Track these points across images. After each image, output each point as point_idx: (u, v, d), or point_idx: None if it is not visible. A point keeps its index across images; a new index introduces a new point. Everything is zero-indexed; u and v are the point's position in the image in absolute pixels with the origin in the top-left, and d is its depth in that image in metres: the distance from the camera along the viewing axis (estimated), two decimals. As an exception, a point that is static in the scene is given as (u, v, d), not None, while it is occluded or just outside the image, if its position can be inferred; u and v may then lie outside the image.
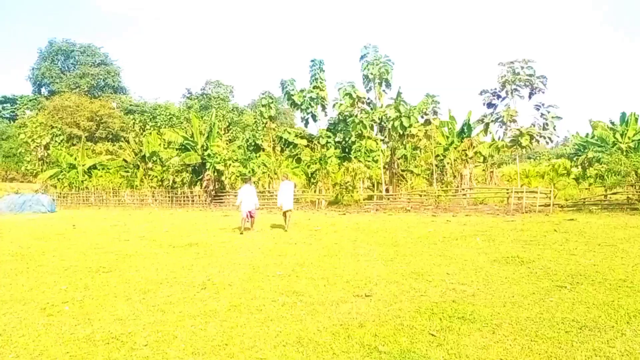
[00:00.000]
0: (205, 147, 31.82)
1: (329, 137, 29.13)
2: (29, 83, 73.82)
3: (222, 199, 30.87)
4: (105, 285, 8.20)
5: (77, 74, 68.58)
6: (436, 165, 28.07)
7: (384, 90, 26.21)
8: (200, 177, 32.32)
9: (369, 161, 28.95)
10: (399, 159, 28.94)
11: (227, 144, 37.72)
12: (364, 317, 5.94)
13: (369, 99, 27.07)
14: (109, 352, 5.07)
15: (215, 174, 30.97)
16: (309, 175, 29.94)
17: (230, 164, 30.78)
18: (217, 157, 30.44)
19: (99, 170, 39.95)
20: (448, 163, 29.76)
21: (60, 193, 39.33)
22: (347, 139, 28.55)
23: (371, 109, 26.85)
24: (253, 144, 31.82)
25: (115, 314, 6.49)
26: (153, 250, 12.00)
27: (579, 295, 6.64)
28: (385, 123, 25.76)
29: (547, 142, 22.49)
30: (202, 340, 5.33)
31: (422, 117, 25.03)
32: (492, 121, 22.97)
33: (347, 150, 29.24)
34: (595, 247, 10.51)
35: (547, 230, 13.58)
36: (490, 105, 23.01)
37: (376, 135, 27.23)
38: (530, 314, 5.84)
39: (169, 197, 33.49)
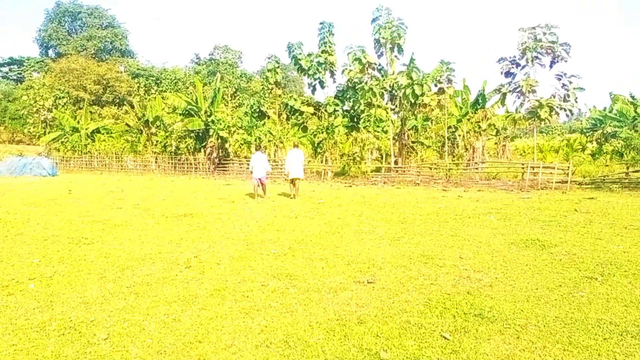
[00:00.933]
0: (209, 113, 30.82)
1: (337, 105, 27.98)
2: (35, 45, 72.65)
3: (225, 167, 30.09)
4: (82, 260, 7.44)
5: (84, 36, 67.15)
6: (447, 138, 26.94)
7: (395, 56, 24.86)
8: (203, 144, 31.45)
9: (377, 131, 27.86)
10: (409, 129, 27.83)
11: (232, 110, 36.63)
12: (365, 310, 5.12)
13: (379, 65, 25.79)
14: (60, 346, 4.29)
15: (219, 141, 30.07)
16: (315, 145, 28.94)
17: (234, 131, 29.84)
18: (220, 124, 29.47)
19: (102, 134, 39.19)
20: (460, 135, 28.61)
21: (63, 157, 38.74)
22: (355, 107, 27.36)
23: (382, 75, 25.60)
24: (258, 110, 30.71)
25: (83, 295, 5.73)
26: (144, 221, 11.24)
27: (613, 289, 5.76)
28: (396, 91, 24.58)
29: (568, 115, 21.29)
30: (172, 334, 4.54)
31: (436, 85, 23.79)
32: (509, 91, 21.72)
33: (355, 119, 28.11)
34: (622, 230, 9.57)
35: (567, 209, 12.62)
36: (508, 74, 21.70)
37: (386, 104, 26.04)
38: (559, 313, 4.98)
39: (171, 163, 32.74)
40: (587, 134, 35.01)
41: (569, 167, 19.25)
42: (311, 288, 5.90)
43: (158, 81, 55.02)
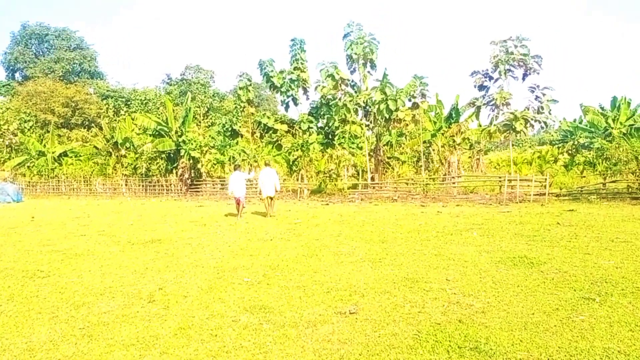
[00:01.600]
0: (180, 133, 30.02)
1: (311, 122, 27.51)
2: (1, 68, 70.90)
3: (198, 188, 29.25)
4: (34, 297, 6.72)
5: (51, 59, 65.66)
6: (422, 153, 26.73)
7: (368, 72, 24.61)
8: (175, 165, 30.59)
9: (353, 148, 27.50)
10: (384, 145, 27.55)
11: (204, 130, 35.86)
12: (348, 348, 4.56)
13: (353, 81, 25.50)
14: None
15: (191, 161, 29.26)
16: (291, 163, 28.37)
17: (206, 151, 29.09)
18: (192, 144, 28.69)
19: (70, 157, 37.91)
20: (434, 150, 28.45)
21: (29, 182, 37.31)
22: (330, 124, 26.93)
23: (355, 91, 25.29)
24: (230, 129, 30.05)
25: (29, 340, 5.05)
26: (108, 249, 10.50)
27: (614, 311, 5.34)
28: (370, 107, 24.27)
29: (543, 127, 21.24)
30: (127, 388, 3.91)
31: (410, 100, 23.57)
32: (483, 104, 21.58)
33: (330, 136, 27.69)
34: (609, 243, 9.25)
35: (549, 223, 12.33)
36: (481, 87, 21.60)
37: (361, 119, 25.71)
38: (562, 343, 4.52)
39: (142, 185, 31.73)
40: (558, 146, 35.34)
41: (545, 179, 19.12)
42: (287, 322, 5.32)
43: (128, 102, 53.88)
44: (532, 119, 20.14)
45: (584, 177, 22.55)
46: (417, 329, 4.98)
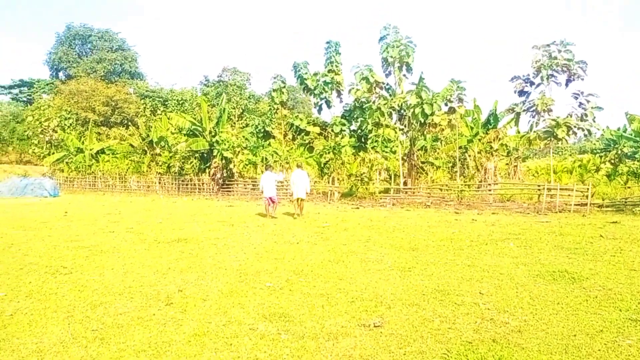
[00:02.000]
0: (213, 134, 30.18)
1: (344, 124, 27.20)
2: (46, 67, 73.18)
3: (230, 188, 29.33)
4: (52, 294, 6.62)
5: (94, 59, 67.50)
6: (458, 158, 26.03)
7: (404, 75, 24.13)
8: (208, 165, 30.75)
9: (386, 152, 27.05)
10: (418, 150, 26.98)
11: (238, 131, 35.99)
12: (370, 365, 4.22)
13: (387, 84, 25.06)
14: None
15: (223, 161, 29.36)
16: (322, 165, 28.12)
17: (239, 152, 29.13)
18: (225, 144, 28.77)
19: (107, 155, 38.70)
20: (470, 155, 27.71)
21: (67, 177, 38.26)
22: (363, 127, 26.57)
23: (390, 95, 24.85)
24: (263, 130, 30.01)
25: (40, 340, 4.90)
26: (134, 246, 10.42)
27: (668, 336, 4.83)
28: (405, 111, 23.78)
29: (586, 135, 20.28)
30: (131, 398, 3.67)
31: (446, 104, 22.95)
32: (524, 110, 20.79)
33: (363, 139, 27.31)
34: (658, 260, 8.60)
35: (591, 235, 11.64)
36: (522, 93, 20.81)
37: (395, 123, 25.22)
38: (610, 370, 4.06)
39: (175, 184, 32.05)
40: (600, 155, 33.94)
41: (588, 188, 18.23)
42: (307, 333, 5.01)
43: (165, 102, 54.75)
44: (574, 127, 19.26)
45: (629, 187, 21.45)
46: (447, 348, 4.60)
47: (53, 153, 41.72)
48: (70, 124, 47.26)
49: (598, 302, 6.05)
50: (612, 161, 30.89)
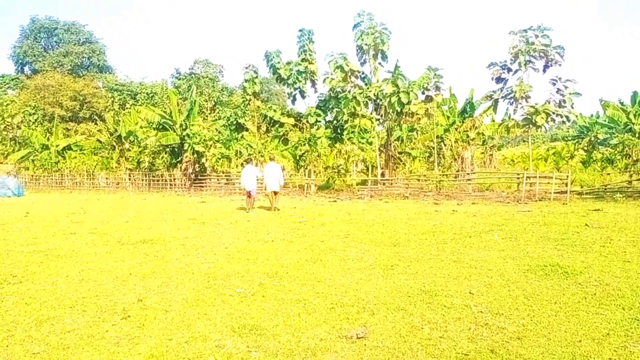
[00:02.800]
0: (184, 127, 29.16)
1: (319, 115, 26.55)
2: (10, 62, 70.52)
3: (202, 183, 28.43)
4: (-6, 309, 5.84)
5: (60, 53, 65.24)
6: (434, 148, 25.65)
7: (379, 63, 23.53)
8: (179, 159, 29.74)
9: (362, 142, 26.57)
10: (395, 140, 26.51)
11: (210, 124, 34.94)
12: (355, 389, 3.62)
13: (363, 73, 24.45)
14: None
15: (195, 155, 28.41)
16: (297, 158, 27.43)
17: (211, 145, 28.22)
18: (196, 138, 27.82)
19: (74, 151, 37.24)
20: (447, 145, 27.37)
21: (32, 175, 36.72)
22: (338, 117, 25.94)
23: (366, 84, 24.26)
24: (235, 122, 29.11)
25: (-32, 369, 4.15)
26: (94, 249, 9.62)
27: (681, 339, 4.36)
28: (381, 100, 23.23)
29: (564, 121, 20.05)
30: None
31: (423, 93, 22.47)
32: (501, 97, 20.47)
33: (339, 130, 26.72)
34: (649, 249, 8.23)
35: (576, 224, 11.28)
36: (499, 79, 20.46)
37: (371, 113, 24.65)
38: (627, 385, 3.55)
39: (146, 180, 30.96)
40: (574, 142, 34.05)
41: (567, 176, 18.00)
42: (281, 349, 4.39)
43: (135, 96, 53.23)
44: (553, 113, 18.99)
45: (608, 174, 21.36)
46: (440, 362, 4.03)
47: (18, 150, 40.02)
48: (36, 120, 45.51)
49: (597, 300, 5.59)
50: (586, 148, 31.05)
